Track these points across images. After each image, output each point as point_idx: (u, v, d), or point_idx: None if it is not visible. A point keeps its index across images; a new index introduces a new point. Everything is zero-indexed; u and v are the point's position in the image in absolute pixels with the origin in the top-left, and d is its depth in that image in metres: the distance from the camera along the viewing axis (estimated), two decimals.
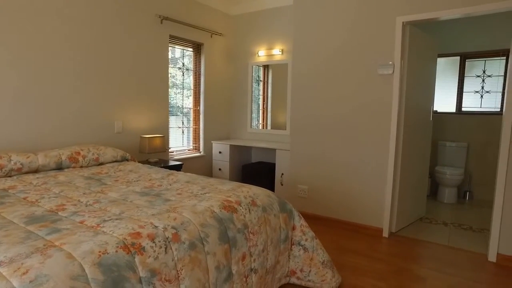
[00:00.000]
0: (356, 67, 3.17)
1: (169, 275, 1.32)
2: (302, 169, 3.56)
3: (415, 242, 2.98)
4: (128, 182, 2.24)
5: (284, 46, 4.32)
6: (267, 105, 4.69)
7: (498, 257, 2.61)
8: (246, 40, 4.68)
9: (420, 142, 3.41)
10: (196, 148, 4.57)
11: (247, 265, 1.73)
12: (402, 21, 2.91)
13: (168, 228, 1.43)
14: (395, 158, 3.04)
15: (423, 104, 3.39)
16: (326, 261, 2.09)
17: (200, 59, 4.46)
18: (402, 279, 2.31)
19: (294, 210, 2.13)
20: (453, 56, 4.63)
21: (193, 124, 4.52)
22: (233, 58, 4.83)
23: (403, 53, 2.97)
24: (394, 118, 2.99)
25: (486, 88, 4.49)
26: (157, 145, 3.52)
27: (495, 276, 2.41)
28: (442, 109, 4.72)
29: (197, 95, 4.51)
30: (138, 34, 3.55)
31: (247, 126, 4.77)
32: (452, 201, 4.30)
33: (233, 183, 2.18)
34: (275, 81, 4.59)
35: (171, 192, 1.99)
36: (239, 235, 1.69)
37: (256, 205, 1.88)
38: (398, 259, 2.63)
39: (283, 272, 2.09)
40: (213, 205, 1.73)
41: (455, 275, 2.39)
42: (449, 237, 3.12)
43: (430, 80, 3.48)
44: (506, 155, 2.55)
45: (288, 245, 2.06)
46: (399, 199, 3.14)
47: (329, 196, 3.40)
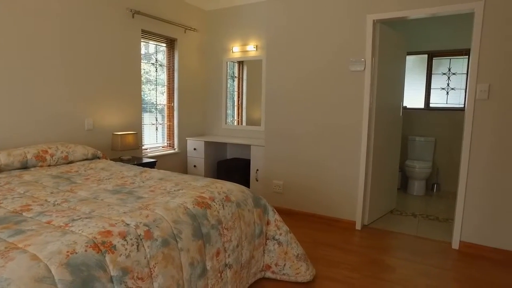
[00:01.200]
0: (329, 64, 3.22)
1: (141, 273, 1.30)
2: (277, 165, 3.59)
3: (386, 233, 3.09)
4: (99, 180, 2.18)
5: (258, 43, 4.33)
6: (242, 101, 4.69)
7: (461, 245, 2.76)
8: (220, 36, 4.65)
9: (390, 137, 3.52)
10: (170, 145, 4.51)
11: (222, 260, 1.74)
12: (372, 19, 2.99)
13: (140, 226, 1.41)
14: (367, 153, 3.13)
15: (393, 100, 3.50)
16: (300, 255, 2.13)
17: (173, 55, 4.39)
18: (373, 269, 2.39)
19: (268, 205, 2.15)
20: (421, 54, 4.80)
21: (167, 120, 4.45)
22: (207, 54, 4.79)
23: (373, 50, 3.05)
24: (366, 114, 3.07)
25: (452, 85, 4.70)
26: (130, 143, 3.44)
27: (457, 262, 2.55)
28: (411, 105, 4.89)
29: (171, 92, 4.44)
30: (109, 28, 3.44)
31: (222, 122, 4.75)
32: (421, 194, 4.48)
33: (207, 179, 2.17)
34: (250, 77, 4.59)
35: (144, 189, 1.96)
36: (213, 231, 1.69)
37: (230, 201, 1.89)
38: (370, 250, 2.72)
39: (258, 266, 2.12)
40: (187, 201, 1.72)
41: (422, 263, 2.50)
42: (417, 227, 3.25)
43: (399, 77, 3.60)
44: (467, 149, 2.69)
45: (262, 240, 2.08)
46: (371, 193, 3.24)
47: (304, 191, 3.46)
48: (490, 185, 2.63)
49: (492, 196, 2.63)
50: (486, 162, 2.64)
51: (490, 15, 2.54)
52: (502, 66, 2.53)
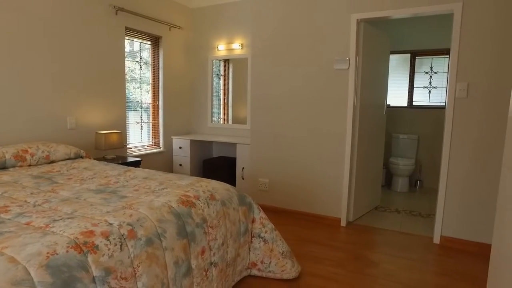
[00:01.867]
0: (314, 62, 3.25)
1: (125, 272, 1.29)
2: (263, 163, 3.61)
3: (370, 229, 3.14)
4: (82, 180, 2.14)
5: (244, 41, 4.33)
6: (228, 100, 4.68)
7: (442, 239, 2.83)
8: (205, 34, 4.62)
9: (375, 135, 3.58)
10: (155, 144, 4.47)
11: (207, 259, 1.74)
12: (356, 18, 3.03)
13: (124, 225, 1.40)
14: (351, 151, 3.18)
15: (377, 98, 3.56)
16: (285, 252, 2.15)
17: (158, 53, 4.34)
18: (358, 265, 2.43)
19: (254, 203, 2.16)
20: (404, 53, 4.89)
21: (152, 119, 4.40)
22: (192, 52, 4.75)
23: (358, 49, 3.09)
24: (350, 112, 3.11)
25: (433, 83, 4.81)
26: (114, 141, 3.39)
27: (438, 255, 2.62)
28: (395, 103, 4.98)
29: (156, 90, 4.40)
30: (91, 25, 3.38)
31: (208, 120, 4.73)
32: (405, 190, 4.57)
33: (192, 178, 2.16)
34: (236, 75, 4.59)
35: (128, 188, 1.94)
36: (197, 229, 1.69)
37: (215, 199, 1.89)
38: (354, 246, 2.76)
39: (244, 264, 2.12)
40: (171, 200, 1.71)
41: (405, 258, 2.56)
42: (401, 223, 3.32)
43: (383, 76, 3.66)
44: (448, 146, 2.76)
45: (248, 237, 2.09)
46: (355, 190, 3.29)
47: (289, 189, 3.48)
48: (469, 182, 2.71)
49: (471, 192, 2.71)
50: (465, 159, 2.71)
51: (468, 16, 2.61)
52: (480, 66, 2.61)
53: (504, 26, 2.51)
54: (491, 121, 2.61)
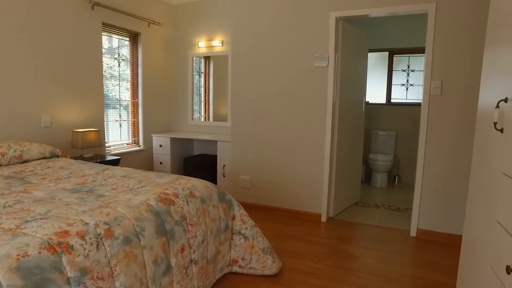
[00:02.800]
0: (294, 60, 3.27)
1: (102, 272, 1.27)
2: (244, 160, 3.61)
3: (350, 224, 3.20)
4: (57, 179, 2.08)
5: (224, 38, 4.31)
6: (209, 97, 4.65)
7: (418, 232, 2.92)
8: (185, 30, 4.57)
9: (354, 132, 3.64)
10: (135, 142, 4.39)
11: (187, 256, 1.73)
12: (335, 16, 3.07)
13: (100, 224, 1.37)
14: (331, 148, 3.22)
15: (356, 96, 3.62)
16: (266, 248, 2.16)
17: (137, 50, 4.26)
18: (338, 259, 2.47)
19: (234, 200, 2.16)
20: (382, 51, 4.99)
21: (131, 117, 4.32)
22: (172, 48, 4.69)
23: (337, 47, 3.13)
24: (329, 109, 3.15)
25: (411, 81, 4.93)
26: (92, 140, 3.31)
27: (414, 248, 2.70)
28: (374, 100, 5.08)
29: (135, 87, 4.32)
30: (66, 20, 3.28)
31: (188, 118, 4.69)
32: (384, 185, 4.68)
33: (171, 176, 2.14)
34: (217, 72, 4.56)
35: (106, 187, 1.90)
36: (177, 227, 1.67)
37: (195, 197, 1.88)
38: (334, 241, 2.81)
39: (225, 261, 2.12)
40: (149, 198, 1.69)
41: (383, 251, 2.62)
42: (379, 218, 3.40)
43: (362, 73, 3.72)
44: (423, 142, 2.84)
45: (228, 234, 2.09)
46: (335, 186, 3.34)
47: (270, 186, 3.50)
48: (444, 176, 2.80)
49: (445, 187, 2.80)
50: (440, 155, 2.80)
51: (441, 16, 2.69)
52: (453, 64, 2.69)
53: (475, 25, 2.60)
54: (464, 118, 2.70)
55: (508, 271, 1.06)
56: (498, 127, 1.35)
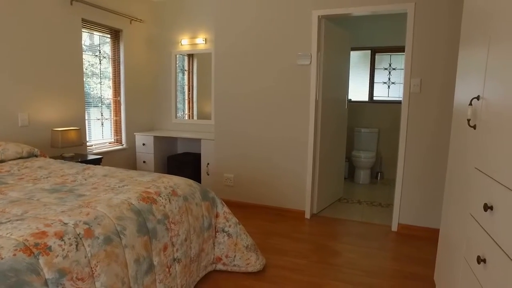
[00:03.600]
0: (277, 58, 3.29)
1: (81, 273, 1.25)
2: (228, 158, 3.61)
3: (333, 221, 3.25)
4: (35, 179, 2.04)
5: (207, 35, 4.28)
6: (193, 95, 4.62)
7: (399, 227, 2.99)
8: (168, 28, 4.52)
9: (337, 129, 3.69)
10: (118, 141, 4.33)
11: (170, 255, 1.72)
12: (318, 15, 3.09)
13: (80, 224, 1.35)
14: (314, 145, 3.25)
15: (339, 93, 3.66)
16: (250, 245, 2.17)
17: (119, 47, 4.19)
18: (321, 255, 2.51)
19: (217, 198, 2.16)
20: (365, 49, 5.07)
21: (113, 115, 4.25)
22: (155, 46, 4.63)
23: (319, 45, 3.16)
24: (312, 107, 3.19)
25: (392, 79, 5.03)
26: (73, 139, 3.25)
27: (395, 242, 2.76)
28: (357, 98, 5.15)
29: (117, 85, 4.25)
30: (45, 16, 3.19)
31: (172, 116, 4.65)
32: (366, 182, 4.76)
33: (153, 174, 2.13)
34: (200, 70, 4.54)
35: (86, 187, 1.87)
36: (159, 225, 1.66)
37: (177, 195, 1.87)
38: (318, 237, 2.84)
39: (209, 259, 2.12)
40: (131, 197, 1.67)
41: (365, 246, 2.67)
42: (362, 213, 3.46)
43: (344, 71, 3.77)
44: (404, 139, 2.90)
45: (212, 232, 2.09)
46: (319, 183, 3.38)
47: (254, 184, 3.51)
48: (423, 172, 2.87)
49: (425, 182, 2.88)
50: (420, 151, 2.87)
51: (420, 15, 2.75)
52: (432, 62, 2.76)
53: (453, 25, 2.67)
54: (442, 115, 2.77)
55: (478, 261, 1.11)
56: (471, 123, 1.39)
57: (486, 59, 1.27)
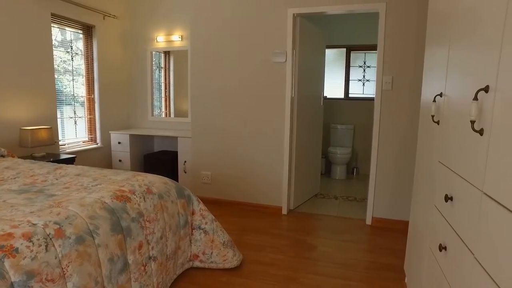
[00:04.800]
0: (253, 56, 3.30)
1: (52, 274, 1.23)
2: (205, 156, 3.60)
3: (310, 216, 3.31)
4: (2, 180, 1.97)
5: (183, 32, 4.24)
6: (170, 93, 4.57)
7: (373, 220, 3.08)
8: (143, 24, 4.44)
9: (313, 126, 3.75)
10: (92, 140, 4.23)
11: (145, 253, 1.71)
12: (293, 13, 3.13)
13: (50, 224, 1.32)
14: (290, 142, 3.30)
15: (315, 91, 3.73)
16: (226, 242, 2.19)
17: (92, 43, 4.08)
18: (298, 250, 2.56)
19: (193, 195, 2.16)
20: (340, 48, 5.16)
21: (87, 113, 4.15)
22: (130, 43, 4.54)
23: (294, 43, 3.20)
24: (288, 104, 3.23)
25: (367, 77, 5.15)
26: (43, 138, 3.15)
27: (369, 235, 2.85)
28: (333, 95, 5.25)
29: (90, 82, 4.14)
30: (11, 10, 3.07)
31: (148, 114, 4.58)
32: (343, 177, 4.87)
33: (128, 173, 2.10)
34: (177, 68, 4.49)
35: (57, 186, 1.83)
36: (133, 224, 1.65)
37: (152, 193, 1.86)
38: (295, 232, 2.89)
39: (186, 257, 2.12)
40: (104, 196, 1.65)
41: (340, 240, 2.74)
42: (338, 208, 3.54)
43: (320, 69, 3.83)
44: (377, 135, 2.99)
45: (188, 230, 2.09)
46: (295, 179, 3.43)
47: (231, 181, 3.53)
48: (395, 166, 2.97)
49: (396, 176, 2.98)
50: (391, 147, 2.97)
51: (391, 15, 2.84)
52: (402, 61, 2.86)
53: (422, 25, 2.77)
54: (412, 111, 2.88)
55: (440, 249, 1.17)
56: (435, 119, 1.46)
57: (447, 58, 1.33)
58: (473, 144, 0.96)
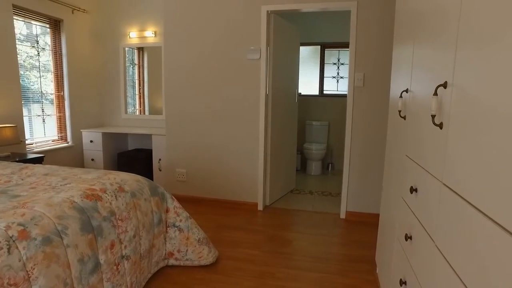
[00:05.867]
0: (227, 53, 3.29)
1: (15, 278, 1.19)
2: (180, 154, 3.56)
3: (286, 211, 3.35)
4: None
5: (157, 28, 4.16)
6: (144, 90, 4.48)
7: (346, 214, 3.16)
8: (115, 19, 4.32)
9: (288, 122, 3.79)
10: (62, 138, 4.08)
11: (117, 252, 1.68)
12: (266, 10, 3.14)
13: (13, 226, 1.27)
14: (265, 138, 3.32)
15: (289, 87, 3.76)
16: (202, 239, 2.18)
17: (60, 38, 3.93)
18: (273, 245, 2.58)
19: (167, 193, 2.14)
20: (315, 45, 5.23)
21: (57, 111, 4.00)
22: (101, 38, 4.41)
23: (268, 40, 3.22)
24: (262, 101, 3.24)
25: (341, 74, 5.25)
26: (7, 137, 3.01)
27: (343, 229, 2.92)
28: (308, 92, 5.31)
29: (59, 79, 3.99)
30: None
31: (122, 112, 4.48)
32: (318, 173, 4.95)
33: (99, 171, 2.05)
34: (151, 64, 4.41)
35: (23, 187, 1.76)
36: (105, 223, 1.62)
37: (124, 191, 1.82)
38: (270, 228, 2.92)
39: (160, 255, 2.10)
40: (74, 195, 1.60)
41: (315, 234, 2.80)
42: (313, 203, 3.60)
43: (294, 66, 3.87)
44: (350, 131, 3.06)
45: (162, 227, 2.06)
46: (271, 175, 3.46)
47: (207, 178, 3.51)
48: (367, 161, 3.06)
49: (369, 171, 3.06)
50: (364, 142, 3.05)
51: (362, 13, 2.91)
52: (373, 58, 2.93)
53: (392, 23, 2.85)
54: (383, 107, 2.96)
55: (406, 238, 1.22)
56: (402, 114, 1.52)
57: (412, 56, 1.38)
58: (434, 138, 1.01)
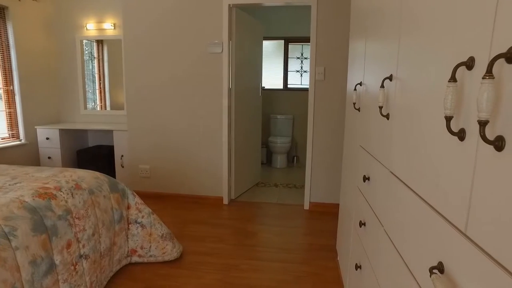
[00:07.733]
0: (189, 47, 3.24)
1: None
2: (143, 149, 3.48)
3: (251, 204, 3.38)
4: None
5: (116, 20, 4.01)
6: (105, 84, 4.31)
7: (310, 205, 3.25)
8: (69, 9, 4.10)
9: (252, 116, 3.81)
10: (14, 136, 3.84)
11: (75, 252, 1.62)
12: (228, 3, 3.12)
13: None
14: (229, 132, 3.32)
15: (252, 81, 3.78)
16: (165, 234, 2.16)
17: (6, 28, 3.67)
18: (238, 238, 2.61)
19: (127, 189, 2.09)
20: (278, 39, 5.27)
21: (6, 107, 3.75)
22: (55, 29, 4.17)
23: (230, 34, 3.21)
24: (225, 95, 3.24)
25: (304, 68, 5.34)
26: None
27: (307, 219, 3.01)
28: (272, 86, 5.36)
29: (8, 72, 3.74)
30: None
31: (81, 107, 4.28)
32: (283, 166, 5.03)
33: (54, 169, 1.96)
34: (112, 58, 4.24)
35: None
36: (60, 222, 1.55)
37: (81, 189, 1.76)
38: (235, 221, 2.94)
39: (123, 252, 2.06)
40: (24, 194, 1.53)
41: (279, 226, 2.85)
42: (278, 196, 3.66)
43: (257, 60, 3.89)
44: (311, 124, 3.14)
45: (124, 224, 2.02)
46: (236, 169, 3.47)
47: (171, 174, 3.46)
48: (328, 152, 3.16)
49: (330, 162, 3.16)
50: (325, 134, 3.14)
51: (322, 9, 2.97)
52: (333, 52, 3.02)
53: (349, 18, 2.94)
54: (343, 100, 3.06)
55: (360, 225, 1.28)
56: (356, 107, 1.58)
57: (364, 50, 1.44)
58: (382, 128, 1.06)
